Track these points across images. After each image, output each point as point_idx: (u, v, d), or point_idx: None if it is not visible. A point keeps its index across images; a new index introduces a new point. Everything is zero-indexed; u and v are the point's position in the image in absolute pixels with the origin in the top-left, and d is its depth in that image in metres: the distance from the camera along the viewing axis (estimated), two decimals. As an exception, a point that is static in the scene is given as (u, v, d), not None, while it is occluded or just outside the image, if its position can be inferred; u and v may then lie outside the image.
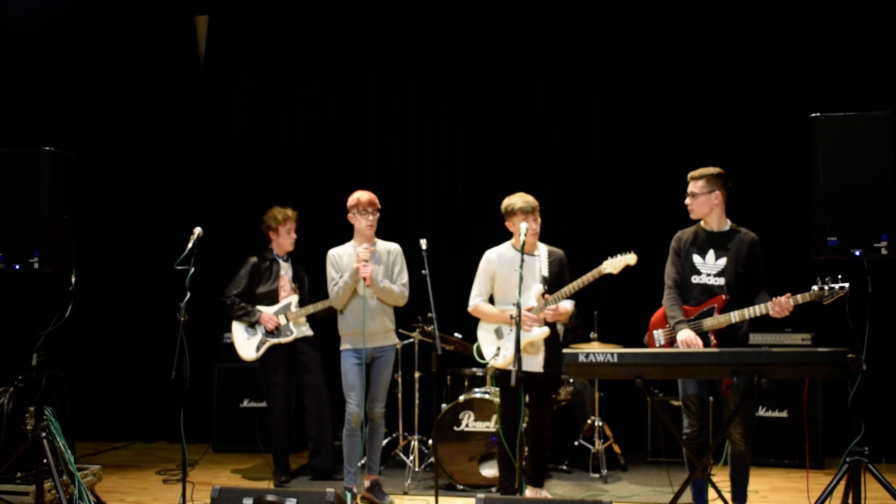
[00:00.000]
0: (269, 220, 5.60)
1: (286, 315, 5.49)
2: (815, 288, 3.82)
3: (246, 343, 5.47)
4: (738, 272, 4.11)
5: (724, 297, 4.08)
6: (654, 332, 4.31)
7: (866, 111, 3.70)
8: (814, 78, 6.30)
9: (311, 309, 5.47)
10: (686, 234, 4.30)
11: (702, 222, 4.27)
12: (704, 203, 4.18)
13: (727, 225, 4.23)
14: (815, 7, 6.32)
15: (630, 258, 4.25)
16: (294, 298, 5.57)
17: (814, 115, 3.70)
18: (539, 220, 4.55)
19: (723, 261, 4.13)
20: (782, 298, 3.87)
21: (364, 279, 4.78)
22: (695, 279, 4.18)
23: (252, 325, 5.47)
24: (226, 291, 5.56)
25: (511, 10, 6.83)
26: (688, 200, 4.24)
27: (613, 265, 4.27)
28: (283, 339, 5.47)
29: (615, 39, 6.68)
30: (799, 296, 3.86)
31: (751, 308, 3.98)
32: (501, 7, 6.85)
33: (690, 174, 4.26)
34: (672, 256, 4.31)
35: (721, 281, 4.12)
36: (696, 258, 4.19)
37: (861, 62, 6.18)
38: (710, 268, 4.16)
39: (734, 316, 4.01)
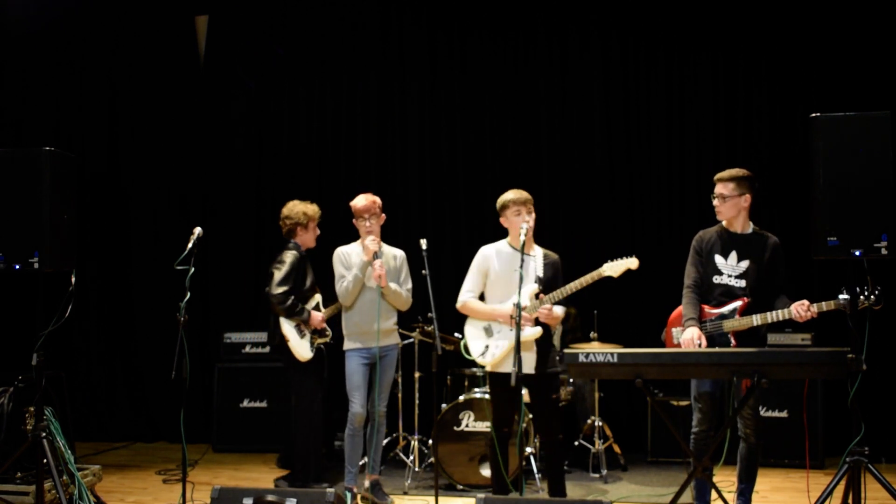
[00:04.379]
0: (299, 215, 5.26)
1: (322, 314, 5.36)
2: (840, 297, 3.78)
3: (300, 342, 5.15)
4: (761, 275, 4.10)
5: (745, 299, 4.07)
6: (673, 329, 4.31)
7: (866, 111, 3.70)
8: (814, 78, 6.30)
9: (335, 308, 5.28)
10: (708, 234, 4.27)
11: (724, 223, 4.24)
12: (734, 206, 4.15)
13: (750, 227, 4.20)
14: (815, 7, 6.32)
15: (632, 262, 4.18)
16: (320, 297, 5.38)
17: (814, 115, 3.69)
18: (533, 214, 4.42)
19: (745, 263, 4.13)
20: (803, 307, 3.87)
21: (380, 277, 4.77)
22: (716, 279, 4.17)
23: (299, 325, 5.17)
24: (276, 288, 5.06)
25: (511, 11, 6.83)
26: (716, 202, 4.19)
27: (614, 269, 4.18)
28: (328, 338, 5.29)
29: (615, 39, 6.68)
30: (824, 303, 3.85)
31: (773, 312, 3.97)
32: (501, 7, 6.85)
33: (718, 176, 4.19)
34: (693, 256, 4.27)
35: (742, 283, 4.11)
36: (719, 259, 4.18)
37: (861, 62, 6.18)
38: (731, 269, 4.15)
39: (756, 319, 4.00)
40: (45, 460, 4.18)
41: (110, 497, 5.20)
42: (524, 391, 4.67)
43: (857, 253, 3.59)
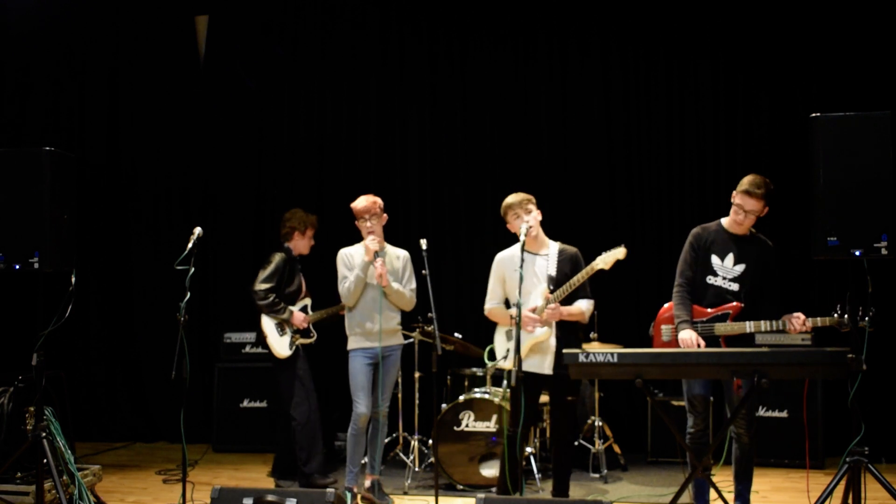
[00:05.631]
0: (298, 221, 5.46)
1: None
2: (835, 315, 3.80)
3: (279, 340, 5.28)
4: (755, 280, 4.08)
5: (739, 304, 4.06)
6: (662, 326, 4.28)
7: (866, 111, 3.70)
8: (814, 78, 6.30)
9: (324, 313, 5.43)
10: (707, 232, 4.20)
11: (724, 222, 4.20)
12: (755, 219, 4.09)
13: (749, 230, 4.18)
14: (815, 7, 6.32)
15: (619, 252, 4.16)
16: (309, 301, 5.53)
17: (814, 115, 3.69)
18: (534, 211, 4.42)
19: (741, 267, 4.10)
20: (799, 321, 3.87)
21: (381, 276, 4.79)
22: (710, 280, 4.14)
23: (280, 323, 5.32)
24: (259, 285, 5.24)
25: (511, 14, 6.82)
26: (741, 216, 4.07)
27: (604, 261, 4.19)
28: (311, 340, 5.43)
29: (615, 39, 6.68)
30: (819, 319, 3.86)
31: (767, 321, 3.95)
32: (501, 10, 6.84)
33: (748, 189, 4.01)
34: (688, 252, 4.21)
35: (736, 287, 4.09)
36: (715, 259, 4.15)
37: (861, 62, 6.18)
38: (727, 271, 4.12)
39: (749, 326, 3.99)
40: (45, 460, 4.19)
41: (110, 497, 5.20)
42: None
43: (857, 253, 3.59)
